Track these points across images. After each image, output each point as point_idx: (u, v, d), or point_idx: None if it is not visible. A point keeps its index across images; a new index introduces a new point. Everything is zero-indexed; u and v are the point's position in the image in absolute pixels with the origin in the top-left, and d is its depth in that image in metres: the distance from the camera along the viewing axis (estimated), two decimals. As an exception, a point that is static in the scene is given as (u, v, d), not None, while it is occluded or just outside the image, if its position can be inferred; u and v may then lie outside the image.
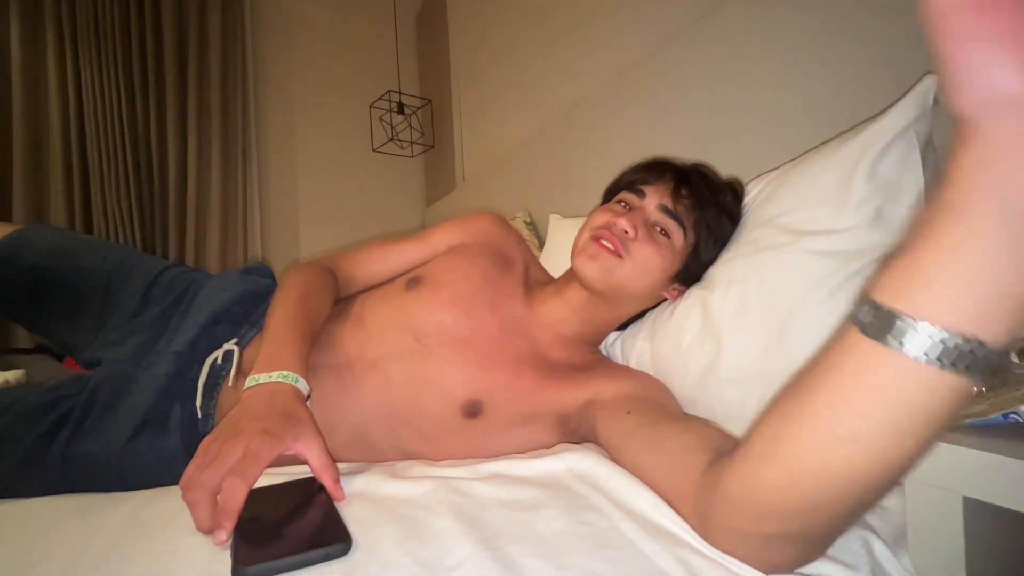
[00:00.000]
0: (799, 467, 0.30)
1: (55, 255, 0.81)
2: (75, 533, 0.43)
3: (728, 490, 0.36)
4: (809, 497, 0.31)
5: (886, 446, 0.27)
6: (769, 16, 0.93)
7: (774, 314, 0.60)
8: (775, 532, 0.34)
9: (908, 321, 0.24)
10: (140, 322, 0.76)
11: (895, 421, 0.26)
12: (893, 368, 0.25)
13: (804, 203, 0.63)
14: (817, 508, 0.31)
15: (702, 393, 0.66)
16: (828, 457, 0.29)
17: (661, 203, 0.68)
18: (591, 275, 0.66)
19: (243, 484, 0.41)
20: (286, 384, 0.53)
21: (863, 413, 0.27)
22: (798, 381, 0.31)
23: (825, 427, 0.29)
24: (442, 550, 0.38)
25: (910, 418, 0.26)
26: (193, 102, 2.30)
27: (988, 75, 0.22)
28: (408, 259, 0.79)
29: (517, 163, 1.90)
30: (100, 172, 2.14)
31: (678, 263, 0.68)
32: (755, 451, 0.34)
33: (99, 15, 2.13)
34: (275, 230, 2.57)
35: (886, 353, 0.25)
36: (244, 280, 0.80)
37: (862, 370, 0.27)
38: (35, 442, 0.61)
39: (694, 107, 1.10)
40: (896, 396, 0.26)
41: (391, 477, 0.51)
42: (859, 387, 0.27)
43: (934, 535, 0.38)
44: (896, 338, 0.25)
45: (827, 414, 0.29)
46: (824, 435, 0.29)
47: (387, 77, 2.74)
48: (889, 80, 0.75)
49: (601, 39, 1.46)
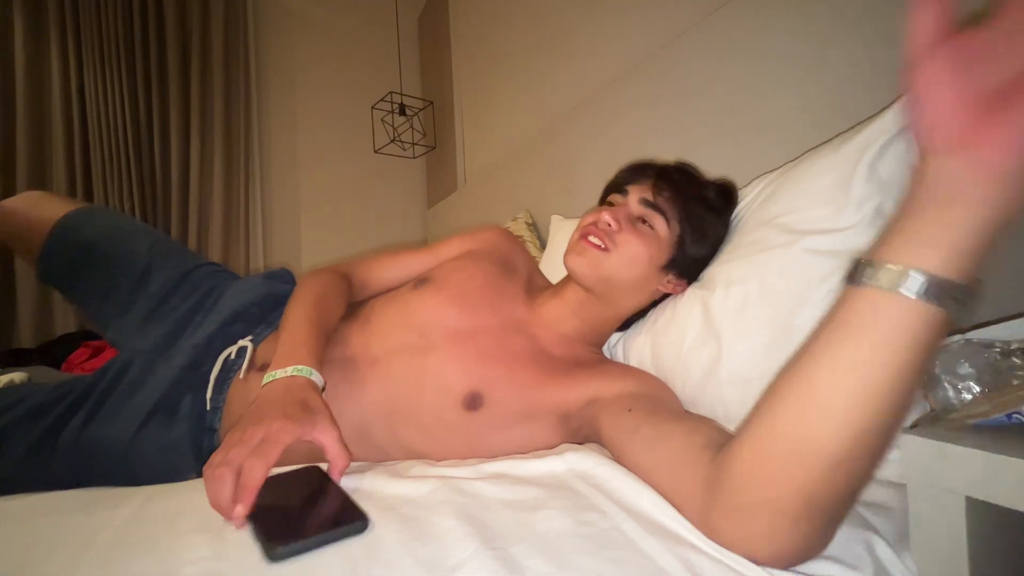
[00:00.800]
0: (815, 418, 0.34)
1: (111, 235, 0.87)
2: (78, 530, 0.43)
3: (739, 459, 0.38)
4: (823, 449, 0.33)
5: (891, 386, 0.31)
6: (768, 19, 0.93)
7: (775, 314, 0.60)
8: (786, 502, 0.35)
9: (903, 271, 0.31)
10: (165, 313, 0.80)
11: (898, 356, 0.31)
12: (896, 308, 0.31)
13: (804, 203, 0.63)
14: (830, 464, 0.33)
15: (703, 394, 0.66)
16: (842, 404, 0.33)
17: (642, 197, 0.71)
18: (580, 270, 0.69)
19: (263, 464, 0.43)
20: (301, 377, 0.55)
21: (872, 359, 0.32)
22: (802, 351, 0.36)
23: (840, 378, 0.33)
24: (444, 550, 0.38)
25: (908, 352, 0.31)
26: (195, 104, 2.31)
27: (939, 125, 0.30)
28: (419, 267, 0.83)
29: (519, 164, 1.90)
30: (103, 174, 2.15)
31: (665, 253, 0.70)
32: (768, 409, 0.37)
33: (102, 17, 2.14)
34: (277, 231, 2.58)
35: (890, 297, 0.31)
36: (266, 283, 0.84)
37: (872, 318, 0.32)
38: (44, 433, 0.65)
39: (694, 108, 1.10)
40: (900, 334, 0.31)
41: (393, 477, 0.51)
42: (868, 334, 0.32)
43: (937, 535, 0.38)
44: (896, 285, 0.31)
45: (842, 364, 0.33)
46: (838, 386, 0.33)
47: (389, 78, 2.74)
48: (887, 80, 0.75)
49: (602, 41, 1.46)
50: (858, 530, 0.42)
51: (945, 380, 0.43)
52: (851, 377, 0.32)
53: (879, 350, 0.32)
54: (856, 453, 0.33)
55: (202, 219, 2.34)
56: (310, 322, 0.64)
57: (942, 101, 0.30)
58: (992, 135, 0.28)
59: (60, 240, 0.84)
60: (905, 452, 0.39)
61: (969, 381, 0.42)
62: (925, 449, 0.38)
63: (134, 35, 2.20)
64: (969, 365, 0.42)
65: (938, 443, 0.37)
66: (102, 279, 0.84)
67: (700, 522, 0.41)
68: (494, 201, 2.08)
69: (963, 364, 0.43)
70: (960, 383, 0.43)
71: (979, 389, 0.42)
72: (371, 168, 2.79)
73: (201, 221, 2.34)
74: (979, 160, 0.29)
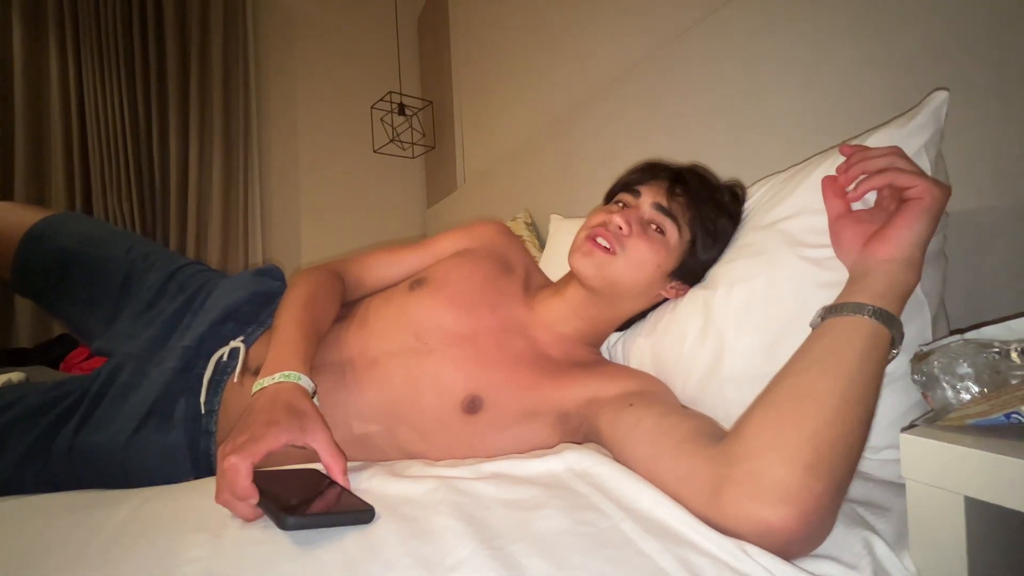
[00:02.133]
0: (814, 373, 0.45)
1: (85, 241, 0.84)
2: (76, 531, 0.43)
3: (747, 424, 0.44)
4: (823, 399, 0.42)
5: (863, 380, 0.44)
6: (766, 19, 0.93)
7: (778, 315, 0.60)
8: (796, 445, 0.40)
9: (860, 304, 0.47)
10: (153, 316, 0.78)
11: (862, 356, 0.44)
12: (859, 326, 0.46)
13: (810, 210, 0.62)
14: (831, 411, 0.42)
15: (705, 392, 0.66)
16: (831, 378, 0.44)
17: (655, 201, 0.69)
18: (586, 271, 0.67)
19: (240, 460, 0.43)
20: (288, 383, 0.54)
21: (848, 358, 0.44)
22: (787, 366, 0.48)
23: (828, 364, 0.45)
24: (443, 550, 0.38)
25: (868, 352, 0.45)
26: (195, 104, 2.31)
27: (849, 244, 0.54)
28: (415, 264, 0.82)
29: (518, 164, 1.90)
30: (102, 174, 2.14)
31: (673, 260, 0.69)
32: (767, 390, 0.47)
33: (101, 17, 2.14)
34: (276, 231, 2.58)
35: (854, 319, 0.46)
36: (255, 281, 0.82)
37: (844, 332, 0.46)
38: (42, 433, 0.64)
39: (695, 108, 1.10)
40: (863, 342, 0.45)
41: (392, 476, 0.51)
42: (844, 342, 0.45)
43: (936, 535, 0.38)
44: (857, 311, 0.46)
45: (828, 361, 0.45)
46: (826, 367, 0.45)
47: (388, 78, 2.74)
48: (886, 81, 0.75)
49: (602, 41, 1.46)
50: (857, 529, 0.42)
51: (944, 380, 0.43)
52: (836, 365, 0.44)
53: (851, 352, 0.44)
54: (845, 415, 0.42)
55: (201, 221, 2.34)
56: (300, 325, 0.63)
57: (849, 234, 0.54)
58: (871, 244, 0.50)
59: (33, 248, 0.81)
60: (904, 452, 0.39)
61: (968, 381, 0.42)
62: (924, 449, 0.38)
63: (133, 36, 2.20)
64: (968, 365, 0.42)
65: (937, 443, 0.37)
66: (82, 288, 0.82)
67: (708, 503, 0.42)
68: (493, 201, 2.08)
69: (962, 364, 0.43)
70: (959, 383, 0.43)
71: (978, 389, 0.42)
72: (370, 168, 2.79)
73: (200, 223, 2.33)
74: (869, 253, 0.50)
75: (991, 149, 0.65)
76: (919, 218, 0.47)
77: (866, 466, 0.54)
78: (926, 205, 0.47)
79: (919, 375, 0.45)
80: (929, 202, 0.48)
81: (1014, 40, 0.62)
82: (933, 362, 0.44)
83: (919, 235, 0.48)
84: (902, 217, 0.48)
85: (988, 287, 0.65)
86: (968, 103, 0.66)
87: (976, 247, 0.66)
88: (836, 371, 0.43)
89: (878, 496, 0.48)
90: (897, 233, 0.48)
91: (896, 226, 0.48)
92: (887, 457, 0.53)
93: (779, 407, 0.44)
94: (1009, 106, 0.63)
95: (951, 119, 0.63)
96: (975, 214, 0.66)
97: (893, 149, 0.52)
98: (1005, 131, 0.64)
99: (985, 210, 0.65)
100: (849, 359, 0.44)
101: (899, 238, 0.48)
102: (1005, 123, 0.63)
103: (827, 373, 0.44)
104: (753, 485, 0.40)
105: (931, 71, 0.69)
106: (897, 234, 0.48)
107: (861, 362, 0.44)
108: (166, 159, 2.28)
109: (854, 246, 0.52)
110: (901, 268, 0.47)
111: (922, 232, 0.48)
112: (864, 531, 0.42)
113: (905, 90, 0.60)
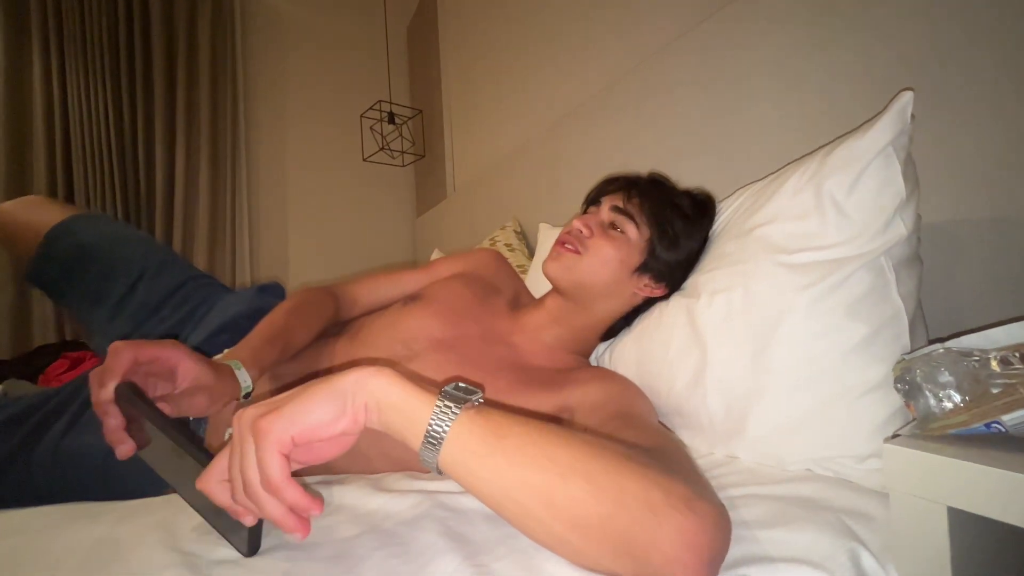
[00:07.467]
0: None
1: (109, 239, 0.89)
2: (50, 549, 0.41)
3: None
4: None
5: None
6: (752, 30, 0.95)
7: (759, 323, 0.61)
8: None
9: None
10: (153, 324, 0.81)
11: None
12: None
13: (785, 216, 0.63)
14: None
15: (688, 401, 0.66)
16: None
17: (613, 204, 0.74)
18: (554, 273, 0.73)
19: (125, 346, 0.48)
20: (226, 366, 0.56)
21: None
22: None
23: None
24: (426, 568, 0.38)
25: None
26: (181, 111, 2.29)
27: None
28: (413, 285, 0.86)
29: (507, 173, 1.91)
30: (85, 183, 2.11)
31: (636, 255, 0.72)
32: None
33: (86, 21, 2.11)
34: (264, 239, 2.55)
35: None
36: (256, 297, 0.86)
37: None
38: (20, 443, 0.65)
39: (680, 118, 1.11)
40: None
41: (375, 490, 0.50)
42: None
43: (920, 546, 0.38)
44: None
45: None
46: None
47: (378, 87, 2.74)
48: (869, 91, 0.76)
49: (590, 51, 1.48)
50: (842, 540, 0.42)
51: (927, 388, 0.44)
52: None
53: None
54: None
55: (187, 228, 2.31)
56: (271, 327, 0.66)
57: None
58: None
59: (57, 243, 0.84)
60: (887, 462, 0.39)
61: (950, 389, 0.43)
62: (907, 459, 0.38)
63: (119, 39, 2.17)
64: (949, 373, 0.43)
65: (920, 453, 0.37)
66: (95, 284, 0.85)
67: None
68: (483, 209, 2.09)
69: (943, 372, 0.43)
70: (941, 391, 0.43)
71: (959, 397, 0.42)
72: (360, 176, 2.78)
73: (186, 230, 2.31)
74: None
75: (967, 159, 0.66)
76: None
77: (851, 475, 0.54)
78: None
79: (902, 384, 0.45)
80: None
81: (989, 51, 0.64)
82: (915, 371, 0.44)
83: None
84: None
85: (966, 297, 0.66)
86: (944, 114, 0.67)
87: (953, 258, 0.67)
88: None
89: (863, 505, 0.48)
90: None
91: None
92: (871, 467, 0.53)
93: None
94: (984, 117, 0.64)
95: (928, 130, 0.64)
96: (952, 225, 0.67)
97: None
98: (981, 141, 0.65)
99: (961, 221, 0.66)
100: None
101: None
102: (981, 134, 0.65)
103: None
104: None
105: (908, 82, 0.70)
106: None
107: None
108: (151, 166, 2.25)
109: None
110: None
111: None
112: (849, 541, 0.42)
113: (883, 101, 0.61)
